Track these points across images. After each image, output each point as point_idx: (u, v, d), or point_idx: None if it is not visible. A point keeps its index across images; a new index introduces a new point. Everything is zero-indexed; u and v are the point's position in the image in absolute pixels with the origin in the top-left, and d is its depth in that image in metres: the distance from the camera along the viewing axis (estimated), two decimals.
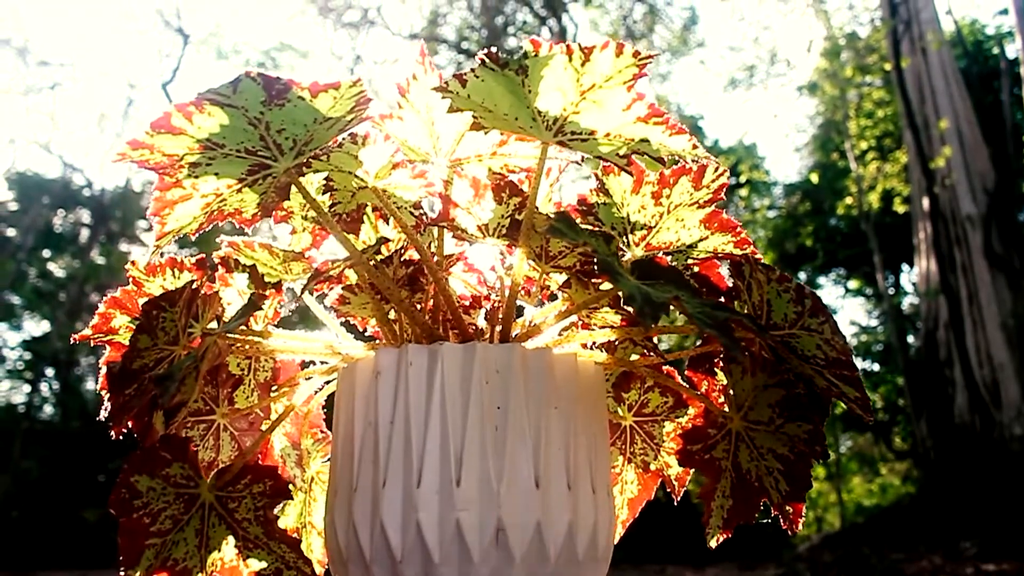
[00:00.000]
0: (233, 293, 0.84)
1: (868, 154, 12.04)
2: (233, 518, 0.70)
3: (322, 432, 0.90)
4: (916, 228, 11.18)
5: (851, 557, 6.75)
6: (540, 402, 0.67)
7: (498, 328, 0.70)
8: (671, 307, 0.61)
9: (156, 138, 0.62)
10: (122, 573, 0.64)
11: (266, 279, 0.80)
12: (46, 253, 12.31)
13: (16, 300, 11.78)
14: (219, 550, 0.70)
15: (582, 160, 0.71)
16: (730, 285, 0.80)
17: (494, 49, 0.60)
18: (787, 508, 0.73)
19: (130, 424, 0.71)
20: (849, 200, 11.67)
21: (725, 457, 0.77)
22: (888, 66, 8.72)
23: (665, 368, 0.87)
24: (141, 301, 0.76)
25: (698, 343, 0.80)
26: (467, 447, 0.65)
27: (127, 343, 0.78)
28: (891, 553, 7.50)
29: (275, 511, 0.73)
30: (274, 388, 0.86)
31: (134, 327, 0.76)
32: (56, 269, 12.37)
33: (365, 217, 0.81)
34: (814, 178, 13.52)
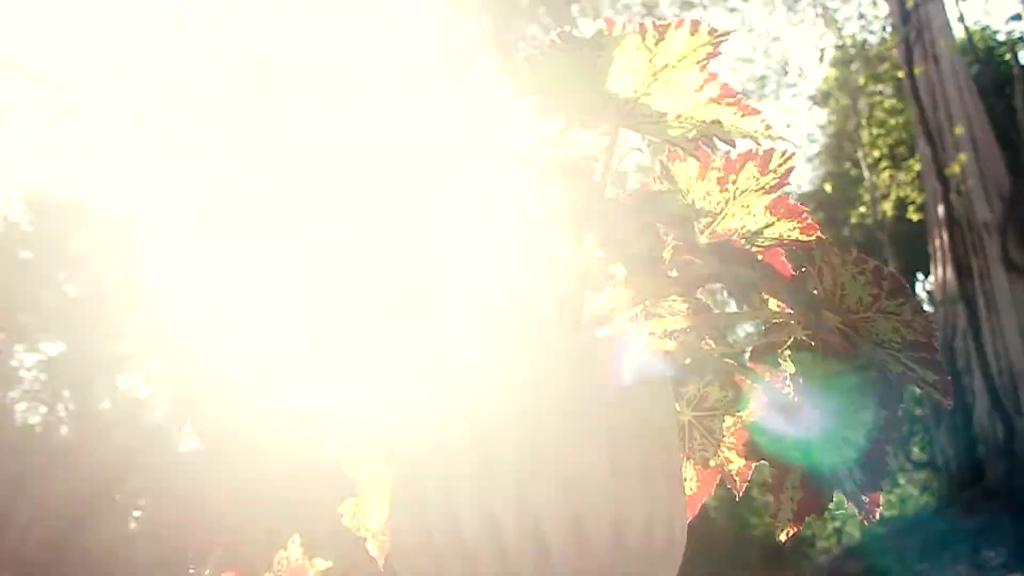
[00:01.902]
0: None
1: (881, 163, 12.00)
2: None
3: None
4: (931, 236, 11.13)
5: (876, 568, 6.68)
6: (613, 389, 0.65)
7: (567, 315, 0.69)
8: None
9: None
10: (191, 571, 0.63)
11: None
12: (62, 274, 12.35)
13: (32, 320, 11.82)
14: (284, 548, 0.69)
15: (647, 143, 0.69)
16: (795, 272, 0.79)
17: (567, 28, 0.59)
18: (863, 498, 0.71)
19: None
20: (863, 209, 11.62)
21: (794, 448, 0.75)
22: (901, 73, 8.71)
23: (726, 360, 0.86)
24: None
25: (763, 331, 0.78)
26: (540, 438, 0.63)
27: None
28: (916, 564, 7.42)
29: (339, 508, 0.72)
30: None
31: None
32: (72, 290, 12.41)
33: None
34: (827, 187, 13.49)
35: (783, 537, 0.77)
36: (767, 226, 0.75)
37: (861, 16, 10.65)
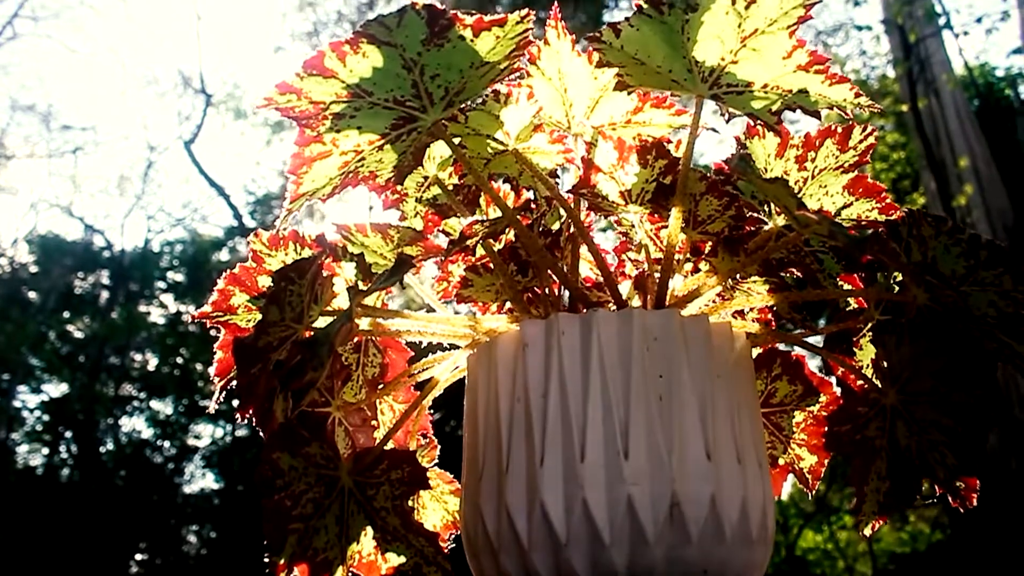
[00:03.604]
0: (340, 284, 0.81)
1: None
2: (372, 506, 0.66)
3: (427, 437, 0.86)
4: None
5: None
6: (703, 371, 0.63)
7: (650, 296, 0.67)
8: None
9: (305, 81, 0.60)
10: (266, 559, 0.60)
11: (373, 270, 0.77)
12: (66, 315, 12.34)
13: (36, 362, 11.78)
14: (358, 541, 0.66)
15: (728, 119, 0.68)
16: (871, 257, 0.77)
17: None
18: (957, 484, 0.68)
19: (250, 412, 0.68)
20: None
21: (880, 436, 0.72)
22: (904, 108, 8.76)
23: (794, 354, 0.83)
24: (261, 279, 0.73)
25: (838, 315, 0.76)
26: (632, 418, 0.61)
27: (244, 326, 0.75)
28: None
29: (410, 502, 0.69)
30: (381, 385, 0.83)
31: (254, 306, 0.73)
32: (75, 331, 12.39)
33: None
34: None
35: (867, 532, 0.73)
36: (845, 206, 0.73)
37: (863, 52, 10.75)
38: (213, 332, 0.76)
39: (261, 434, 0.66)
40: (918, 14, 8.38)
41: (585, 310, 0.65)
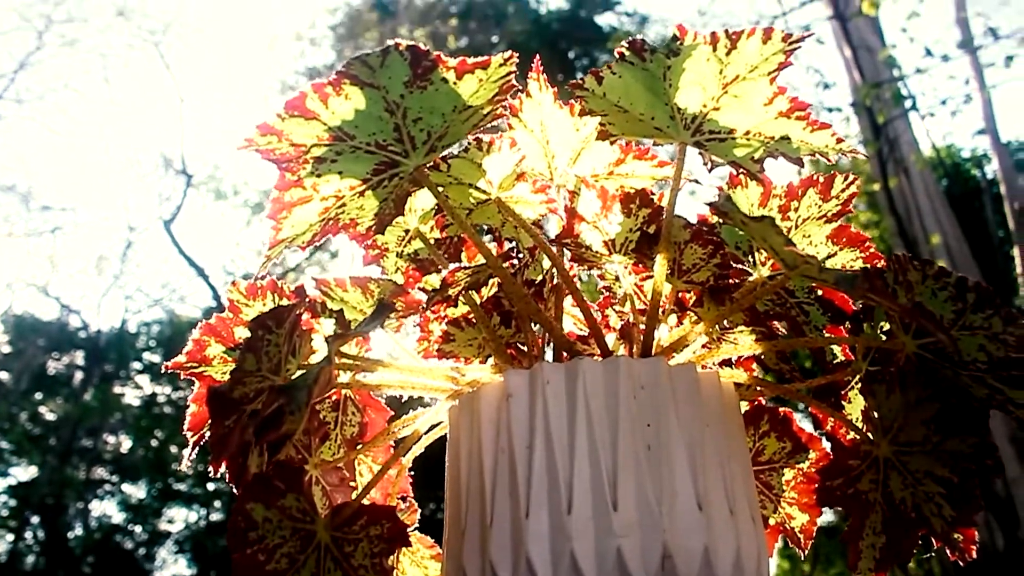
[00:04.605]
0: (319, 340, 0.79)
1: None
2: (349, 563, 0.63)
3: (407, 500, 0.84)
4: None
5: None
6: (692, 420, 0.61)
7: (636, 346, 0.66)
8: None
9: (287, 123, 0.59)
10: None
11: (352, 327, 0.76)
12: (38, 396, 12.11)
13: (4, 444, 11.50)
14: None
15: (709, 168, 0.68)
16: (856, 307, 0.76)
17: (638, 38, 0.58)
18: (954, 536, 0.67)
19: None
20: None
21: (873, 489, 0.70)
22: (876, 186, 8.95)
23: (782, 410, 0.82)
24: (238, 330, 0.71)
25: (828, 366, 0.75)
26: (620, 468, 0.59)
27: (219, 378, 0.73)
28: None
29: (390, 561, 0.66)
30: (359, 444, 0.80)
31: (230, 357, 0.71)
32: (47, 412, 12.14)
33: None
34: None
35: None
36: (830, 256, 0.73)
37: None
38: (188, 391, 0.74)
39: (235, 491, 0.64)
40: (885, 96, 8.64)
41: (570, 359, 0.63)
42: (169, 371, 0.70)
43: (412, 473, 0.82)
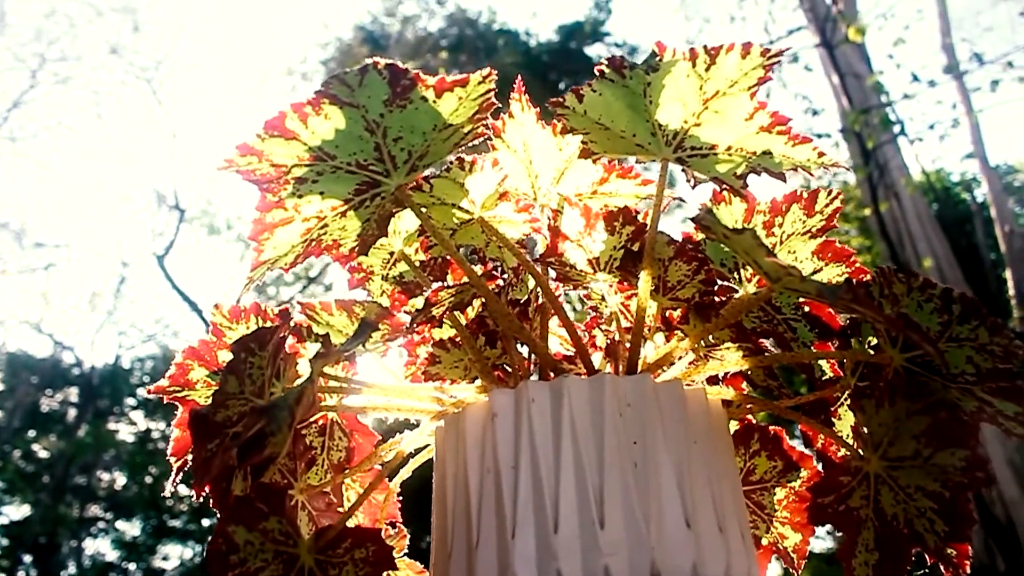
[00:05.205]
0: (304, 365, 0.79)
1: None
2: None
3: (396, 526, 0.83)
4: None
5: None
6: (679, 437, 0.61)
7: (622, 364, 0.65)
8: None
9: (267, 143, 0.59)
10: None
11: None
12: (31, 433, 12.02)
13: None
14: None
15: (692, 185, 0.68)
16: (844, 323, 0.76)
17: (618, 55, 0.59)
18: (948, 551, 0.66)
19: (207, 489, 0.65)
20: None
21: (864, 505, 0.70)
22: (867, 211, 9.00)
23: (772, 428, 0.81)
24: (221, 353, 0.71)
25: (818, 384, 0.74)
26: (607, 486, 0.58)
27: (202, 402, 0.72)
28: None
29: None
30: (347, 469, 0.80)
31: (213, 381, 0.71)
32: (40, 449, 12.05)
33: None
34: None
35: None
36: (815, 272, 0.73)
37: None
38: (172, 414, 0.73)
39: (218, 515, 0.63)
40: (874, 122, 8.71)
41: (555, 377, 0.63)
42: (151, 395, 0.70)
43: (408, 503, 0.81)
